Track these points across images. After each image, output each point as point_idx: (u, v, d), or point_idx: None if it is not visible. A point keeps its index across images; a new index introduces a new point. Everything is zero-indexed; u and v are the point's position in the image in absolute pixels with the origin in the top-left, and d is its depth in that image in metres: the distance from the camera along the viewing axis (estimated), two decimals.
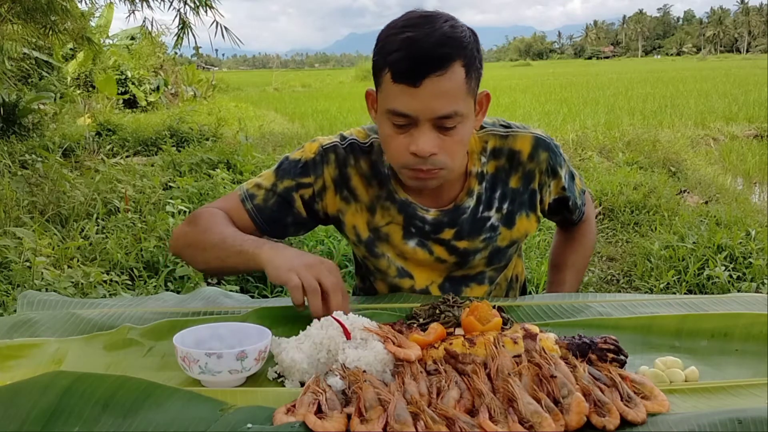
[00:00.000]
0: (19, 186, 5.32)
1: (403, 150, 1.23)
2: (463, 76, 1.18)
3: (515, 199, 1.41)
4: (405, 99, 1.18)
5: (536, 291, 3.77)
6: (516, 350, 0.97)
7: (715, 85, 19.91)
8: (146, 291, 3.59)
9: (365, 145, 1.41)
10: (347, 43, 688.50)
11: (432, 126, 1.20)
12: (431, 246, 1.41)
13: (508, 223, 1.42)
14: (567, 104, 14.48)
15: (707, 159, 8.65)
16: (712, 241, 4.21)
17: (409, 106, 1.18)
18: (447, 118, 1.19)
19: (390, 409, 0.82)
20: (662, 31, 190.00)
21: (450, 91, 1.17)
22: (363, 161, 1.40)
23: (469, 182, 1.38)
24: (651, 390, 0.89)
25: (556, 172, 1.42)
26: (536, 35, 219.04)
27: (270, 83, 29.79)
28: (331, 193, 1.41)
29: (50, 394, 0.85)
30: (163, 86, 16.02)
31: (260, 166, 6.47)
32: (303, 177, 1.40)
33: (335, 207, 1.42)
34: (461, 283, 1.46)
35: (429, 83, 1.15)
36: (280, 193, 1.40)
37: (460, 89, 1.19)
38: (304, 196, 1.40)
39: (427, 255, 1.42)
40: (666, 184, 6.23)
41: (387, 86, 1.21)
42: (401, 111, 1.19)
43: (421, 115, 1.18)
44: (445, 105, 1.17)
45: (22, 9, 6.33)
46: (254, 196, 1.41)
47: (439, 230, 1.39)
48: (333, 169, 1.39)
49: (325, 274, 1.18)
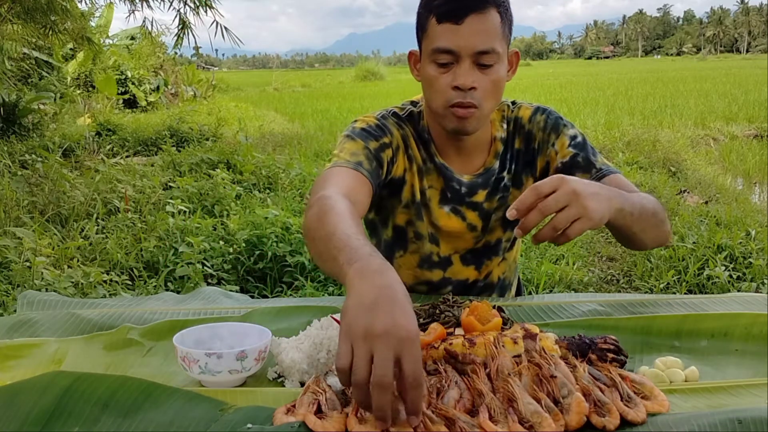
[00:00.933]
0: (19, 186, 5.32)
1: (446, 87, 1.33)
2: (499, 20, 1.32)
3: (519, 159, 1.51)
4: (449, 36, 1.30)
5: (536, 291, 3.77)
6: (516, 350, 0.97)
7: (715, 85, 19.92)
8: (146, 291, 3.60)
9: (405, 115, 1.50)
10: (347, 43, 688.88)
11: (472, 63, 1.31)
12: (464, 212, 1.49)
13: (516, 183, 1.51)
14: (567, 104, 14.48)
15: (707, 159, 8.66)
16: (712, 241, 4.21)
17: (453, 42, 1.30)
18: (486, 54, 1.30)
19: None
20: (662, 31, 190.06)
21: (488, 29, 1.30)
22: (408, 126, 1.49)
23: (495, 146, 1.50)
24: (651, 390, 0.89)
25: (558, 129, 1.48)
26: (536, 35, 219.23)
27: (270, 83, 29.79)
28: (402, 153, 1.47)
29: (50, 394, 0.85)
30: (163, 86, 16.02)
31: (260, 166, 6.47)
32: (382, 137, 1.41)
33: (403, 167, 1.47)
34: (482, 255, 1.54)
35: (470, 21, 1.29)
36: (375, 154, 1.38)
37: (497, 31, 1.32)
38: (388, 157, 1.41)
39: (460, 222, 1.49)
40: (666, 184, 6.23)
41: (432, 30, 1.33)
42: (445, 47, 1.31)
43: (463, 50, 1.30)
44: (484, 41, 1.30)
45: (22, 9, 6.33)
46: (361, 163, 1.33)
47: (473, 192, 1.48)
48: (396, 131, 1.46)
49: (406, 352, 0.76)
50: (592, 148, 1.49)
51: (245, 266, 3.91)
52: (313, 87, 29.84)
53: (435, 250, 1.52)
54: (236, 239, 4.07)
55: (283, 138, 10.15)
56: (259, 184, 6.14)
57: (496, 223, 1.52)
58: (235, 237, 4.10)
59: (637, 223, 1.22)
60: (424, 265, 1.53)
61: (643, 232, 1.27)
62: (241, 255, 3.96)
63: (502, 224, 1.52)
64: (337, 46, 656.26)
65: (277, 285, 3.83)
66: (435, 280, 1.54)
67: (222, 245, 4.02)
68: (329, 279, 3.82)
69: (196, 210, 4.81)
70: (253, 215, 4.40)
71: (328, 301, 1.54)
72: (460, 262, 1.53)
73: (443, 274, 1.53)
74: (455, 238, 1.51)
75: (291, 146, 8.93)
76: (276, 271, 3.88)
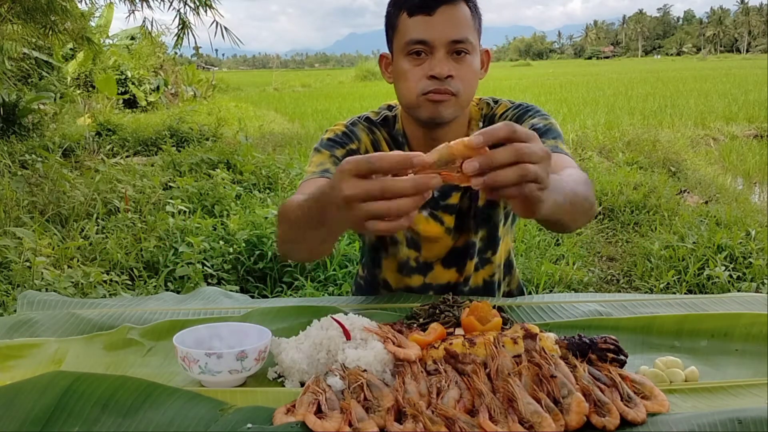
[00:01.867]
0: (19, 186, 5.32)
1: (420, 77, 1.34)
2: (470, 13, 1.34)
3: None
4: (422, 27, 1.33)
5: (536, 291, 3.77)
6: (516, 350, 0.97)
7: (715, 85, 19.92)
8: (146, 291, 3.60)
9: (379, 120, 1.52)
10: (347, 43, 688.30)
11: (447, 53, 1.33)
12: (441, 216, 1.49)
13: None
14: (567, 104, 14.48)
15: (707, 159, 8.66)
16: (712, 241, 4.21)
17: (426, 33, 1.32)
18: (460, 43, 1.32)
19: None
20: (662, 31, 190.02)
21: (460, 19, 1.33)
22: (382, 131, 1.51)
23: None
24: (651, 390, 0.89)
25: (521, 120, 1.44)
26: (536, 35, 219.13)
27: (270, 83, 29.80)
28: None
29: (50, 394, 0.85)
30: (163, 86, 16.03)
31: (260, 166, 6.47)
32: (349, 144, 1.46)
33: None
34: (463, 256, 1.52)
35: (442, 11, 1.32)
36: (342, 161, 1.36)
37: (468, 22, 1.34)
38: None
39: (438, 226, 1.49)
40: (666, 184, 6.23)
41: (403, 24, 1.35)
42: (419, 38, 1.33)
43: (437, 40, 1.32)
44: (458, 30, 1.32)
45: (22, 9, 6.33)
46: (327, 170, 1.38)
47: (447, 195, 1.48)
48: (365, 135, 1.49)
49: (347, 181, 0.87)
50: (552, 134, 1.40)
51: (245, 266, 3.91)
52: (313, 87, 29.85)
53: (413, 255, 1.51)
54: (236, 239, 4.08)
55: (283, 138, 10.15)
56: (259, 184, 6.14)
57: (470, 223, 1.51)
58: (235, 237, 4.11)
59: (569, 213, 1.11)
60: (402, 270, 1.53)
61: (573, 221, 1.18)
62: (241, 255, 3.96)
63: (475, 224, 1.51)
64: (337, 46, 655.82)
65: (277, 285, 3.83)
66: (415, 286, 1.53)
67: (222, 245, 4.02)
68: (329, 279, 3.83)
69: (196, 210, 4.81)
70: (253, 215, 4.40)
71: (328, 301, 1.54)
72: (441, 266, 1.53)
73: (423, 280, 1.53)
74: (434, 243, 1.51)
75: (291, 146, 8.93)
76: (276, 271, 3.88)
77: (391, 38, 1.40)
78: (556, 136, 1.43)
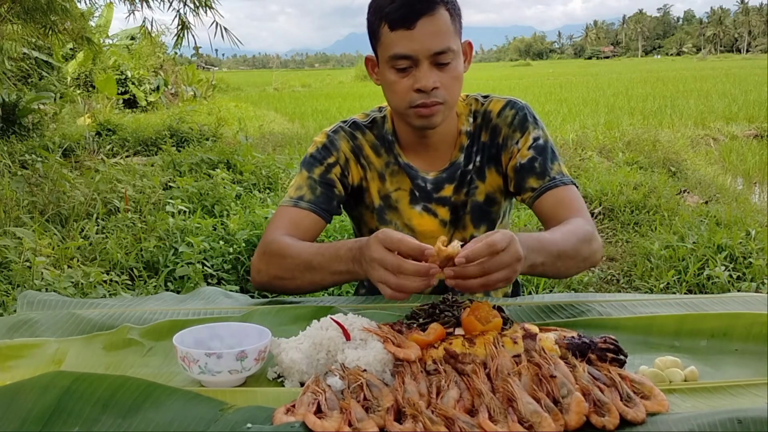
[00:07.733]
0: (19, 186, 5.32)
1: (407, 90, 1.38)
2: (449, 18, 1.36)
3: (485, 152, 1.54)
4: (404, 42, 1.34)
5: (536, 291, 3.77)
6: (516, 350, 0.97)
7: (715, 85, 19.91)
8: (146, 291, 3.59)
9: (367, 122, 1.57)
10: (347, 43, 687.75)
11: (430, 64, 1.35)
12: (435, 209, 1.53)
13: (480, 176, 1.54)
14: (567, 104, 14.47)
15: (707, 159, 8.66)
16: (712, 241, 4.21)
17: (408, 48, 1.34)
18: (442, 54, 1.35)
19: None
20: (662, 31, 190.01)
21: (441, 29, 1.34)
22: (369, 134, 1.56)
23: (460, 140, 1.54)
24: (650, 390, 0.89)
25: (524, 127, 1.50)
26: (536, 35, 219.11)
27: (270, 83, 29.79)
28: (353, 163, 1.54)
29: (50, 394, 0.85)
30: (163, 86, 16.03)
31: (260, 166, 6.47)
32: (327, 158, 1.53)
33: (359, 175, 1.55)
34: None
35: (422, 24, 1.33)
36: (319, 180, 1.50)
37: (449, 29, 1.36)
38: (337, 174, 1.52)
39: (432, 219, 1.53)
40: (666, 184, 6.23)
41: (386, 38, 1.37)
42: (402, 53, 1.35)
43: (419, 54, 1.34)
44: (439, 42, 1.34)
45: (22, 9, 6.33)
46: (302, 197, 1.49)
47: (440, 188, 1.52)
48: (346, 143, 1.54)
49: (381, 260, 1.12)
50: (553, 152, 1.49)
51: (245, 266, 3.91)
52: (313, 87, 29.84)
53: None
54: (236, 239, 4.07)
55: (283, 138, 10.14)
56: (259, 184, 6.14)
57: (466, 216, 1.54)
58: (235, 237, 4.10)
59: (551, 269, 1.26)
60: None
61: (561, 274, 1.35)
62: (241, 255, 3.96)
63: (473, 219, 1.55)
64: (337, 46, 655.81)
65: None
66: None
67: (222, 245, 4.02)
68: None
69: (196, 210, 4.81)
70: (253, 215, 4.40)
71: (328, 301, 1.53)
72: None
73: None
74: (430, 238, 1.51)
75: (291, 146, 8.92)
76: None
77: (375, 46, 1.43)
78: (555, 156, 1.49)
